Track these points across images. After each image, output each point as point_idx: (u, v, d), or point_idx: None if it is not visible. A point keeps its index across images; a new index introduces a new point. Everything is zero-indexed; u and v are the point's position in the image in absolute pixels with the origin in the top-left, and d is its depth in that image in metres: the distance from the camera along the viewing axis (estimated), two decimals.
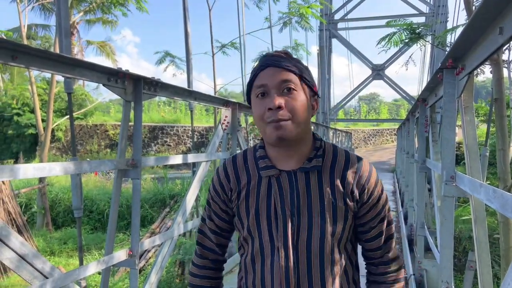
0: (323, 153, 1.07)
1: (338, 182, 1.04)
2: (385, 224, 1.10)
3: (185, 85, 5.83)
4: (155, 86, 2.66)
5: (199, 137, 19.44)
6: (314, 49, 17.46)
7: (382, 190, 1.09)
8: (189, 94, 3.31)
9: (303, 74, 1.04)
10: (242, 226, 1.10)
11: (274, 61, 1.02)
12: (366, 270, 1.17)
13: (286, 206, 1.03)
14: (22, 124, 17.18)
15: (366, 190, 1.05)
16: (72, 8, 12.78)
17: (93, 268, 2.19)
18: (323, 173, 1.05)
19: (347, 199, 1.04)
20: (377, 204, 1.08)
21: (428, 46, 13.09)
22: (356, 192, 1.04)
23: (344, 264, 1.07)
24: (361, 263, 1.18)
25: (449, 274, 2.14)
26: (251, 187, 1.08)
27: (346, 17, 17.52)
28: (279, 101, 0.98)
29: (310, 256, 1.02)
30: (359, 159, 1.09)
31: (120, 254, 2.41)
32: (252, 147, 1.16)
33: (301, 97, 1.02)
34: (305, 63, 1.27)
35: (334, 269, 1.05)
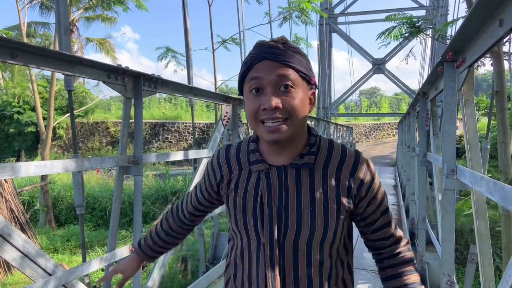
0: (317, 150, 1.01)
1: (332, 181, 0.99)
2: (387, 214, 1.08)
3: (185, 81, 5.82)
4: (155, 82, 2.65)
5: (200, 133, 19.44)
6: (314, 43, 17.42)
7: (380, 183, 1.05)
8: (189, 90, 3.30)
9: (301, 69, 0.95)
10: (230, 218, 1.09)
11: (270, 54, 0.93)
12: (377, 261, 1.14)
13: (273, 203, 0.99)
14: (23, 122, 17.21)
15: (364, 184, 1.00)
16: (71, 5, 12.75)
17: (96, 264, 2.20)
18: (316, 171, 0.99)
19: (342, 197, 0.98)
20: (377, 196, 1.03)
21: (429, 40, 13.04)
22: (354, 187, 0.99)
23: (334, 266, 1.03)
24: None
25: (451, 267, 2.15)
26: (241, 180, 1.06)
27: (346, 11, 17.47)
28: (276, 101, 0.92)
29: (297, 256, 0.98)
30: (356, 153, 1.03)
31: (123, 251, 2.42)
32: (248, 137, 1.12)
33: (299, 94, 0.95)
34: None
35: (323, 271, 1.00)
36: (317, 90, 1.07)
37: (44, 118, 11.76)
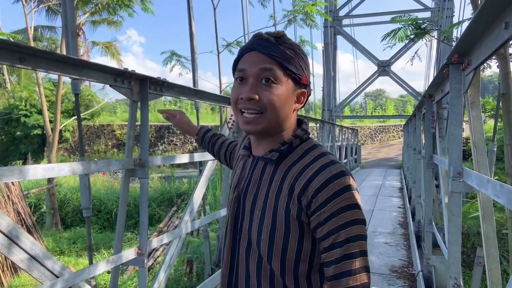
0: (288, 149, 0.97)
1: (287, 184, 0.93)
2: (338, 253, 0.86)
3: (191, 84, 5.84)
4: (161, 86, 2.67)
5: None
6: (319, 46, 17.40)
7: (344, 211, 0.86)
8: (194, 93, 3.32)
9: (287, 66, 0.93)
10: None
11: (259, 46, 0.94)
12: None
13: (238, 187, 1.05)
14: (29, 125, 17.36)
15: (315, 198, 0.87)
16: (77, 9, 12.86)
17: (102, 267, 2.21)
18: (279, 170, 0.96)
19: (291, 204, 0.91)
20: (329, 223, 0.86)
21: (434, 41, 13.00)
22: (305, 197, 0.89)
23: (291, 283, 0.93)
24: None
25: (458, 270, 2.14)
26: (238, 160, 1.17)
27: (351, 14, 17.46)
28: (252, 93, 0.92)
29: (250, 245, 0.98)
30: (327, 165, 0.90)
31: (129, 253, 2.43)
32: None
33: (279, 91, 0.93)
34: (310, 60, 1.25)
35: (275, 283, 0.94)
36: (311, 91, 1.04)
37: (50, 121, 11.85)
